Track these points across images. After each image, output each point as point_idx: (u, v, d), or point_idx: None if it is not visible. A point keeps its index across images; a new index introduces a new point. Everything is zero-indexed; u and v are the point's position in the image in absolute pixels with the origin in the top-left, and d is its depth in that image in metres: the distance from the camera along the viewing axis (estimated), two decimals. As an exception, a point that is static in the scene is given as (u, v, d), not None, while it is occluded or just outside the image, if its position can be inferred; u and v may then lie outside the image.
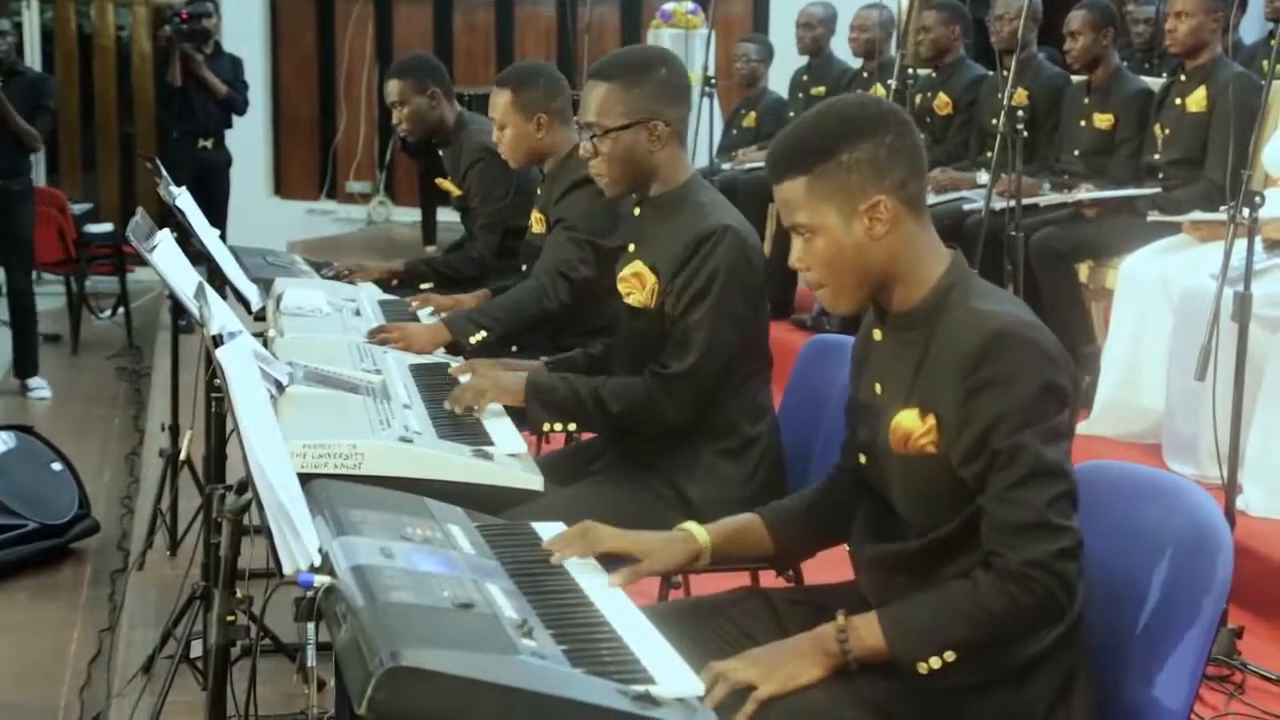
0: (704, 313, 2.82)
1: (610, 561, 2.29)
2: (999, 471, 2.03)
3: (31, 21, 10.64)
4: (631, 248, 3.01)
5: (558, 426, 2.96)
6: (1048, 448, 2.03)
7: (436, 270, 4.52)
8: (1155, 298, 4.60)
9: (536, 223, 3.99)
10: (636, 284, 2.96)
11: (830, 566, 2.56)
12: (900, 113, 2.21)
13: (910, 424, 2.13)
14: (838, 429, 2.48)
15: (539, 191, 4.05)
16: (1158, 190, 5.05)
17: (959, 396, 2.06)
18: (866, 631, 2.07)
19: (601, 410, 2.89)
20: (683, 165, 3.00)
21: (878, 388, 2.23)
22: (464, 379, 3.12)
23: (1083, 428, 4.68)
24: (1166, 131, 5.12)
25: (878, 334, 2.26)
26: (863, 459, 2.29)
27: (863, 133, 2.14)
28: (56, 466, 5.17)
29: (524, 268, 4.03)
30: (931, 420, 2.11)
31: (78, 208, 8.79)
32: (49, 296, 9.29)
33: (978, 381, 2.05)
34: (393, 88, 4.68)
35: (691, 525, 2.38)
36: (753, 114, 7.72)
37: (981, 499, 2.06)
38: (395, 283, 4.52)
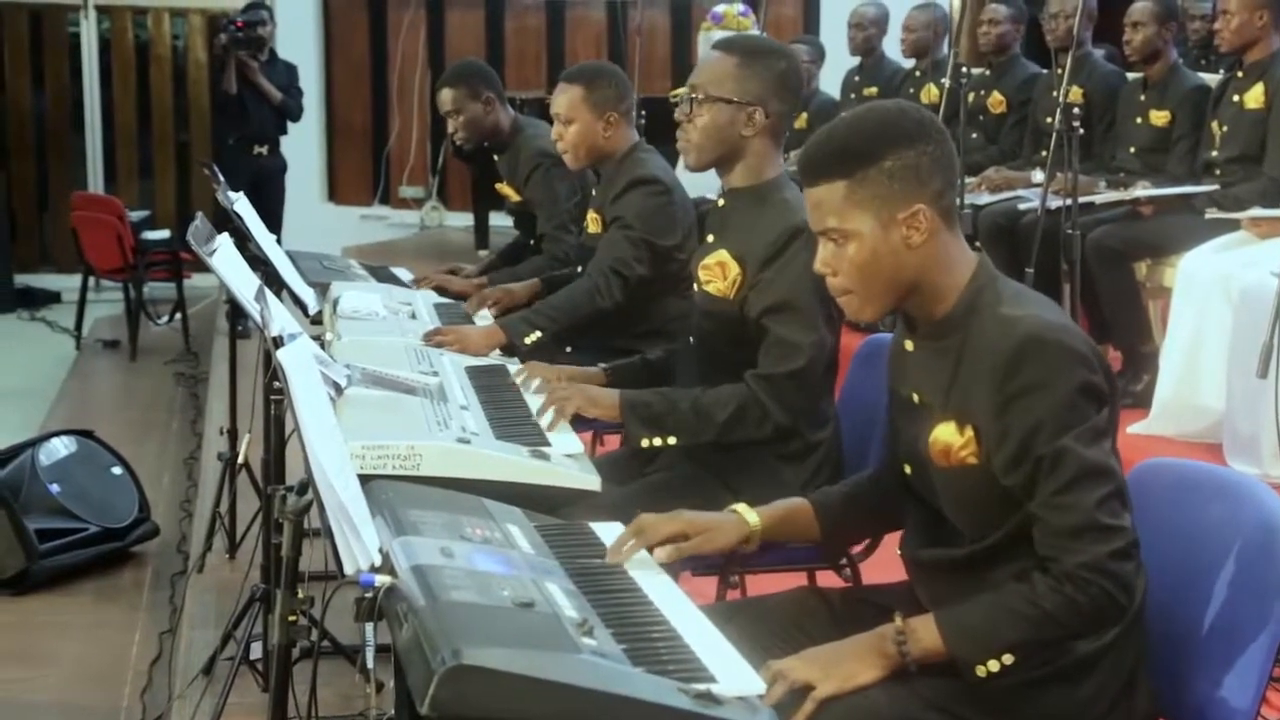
0: (805, 314, 2.79)
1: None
2: (1044, 478, 2.03)
3: (89, 31, 10.75)
4: (711, 238, 3.00)
5: (657, 442, 2.89)
6: (1090, 449, 2.02)
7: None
8: (1214, 295, 4.55)
9: (593, 223, 3.98)
10: (719, 272, 2.93)
11: (887, 566, 2.55)
12: (938, 122, 2.19)
13: (949, 437, 2.13)
14: (894, 430, 2.47)
15: (594, 192, 4.05)
16: (1216, 187, 5.00)
17: (995, 407, 2.06)
18: (925, 633, 2.07)
19: (705, 420, 2.85)
20: (773, 161, 2.97)
21: (915, 397, 2.23)
22: (532, 388, 3.11)
23: (1141, 427, 4.65)
24: (1224, 129, 5.07)
25: (909, 344, 2.25)
26: (908, 469, 2.28)
27: (906, 139, 2.12)
28: (117, 470, 5.21)
29: (580, 269, 4.03)
30: (970, 432, 2.11)
31: (135, 215, 8.86)
32: (107, 304, 9.41)
33: (1012, 390, 2.04)
34: (446, 97, 4.64)
35: (742, 507, 2.39)
36: (804, 115, 7.68)
37: (1030, 506, 2.06)
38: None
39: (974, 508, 2.15)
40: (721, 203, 3.02)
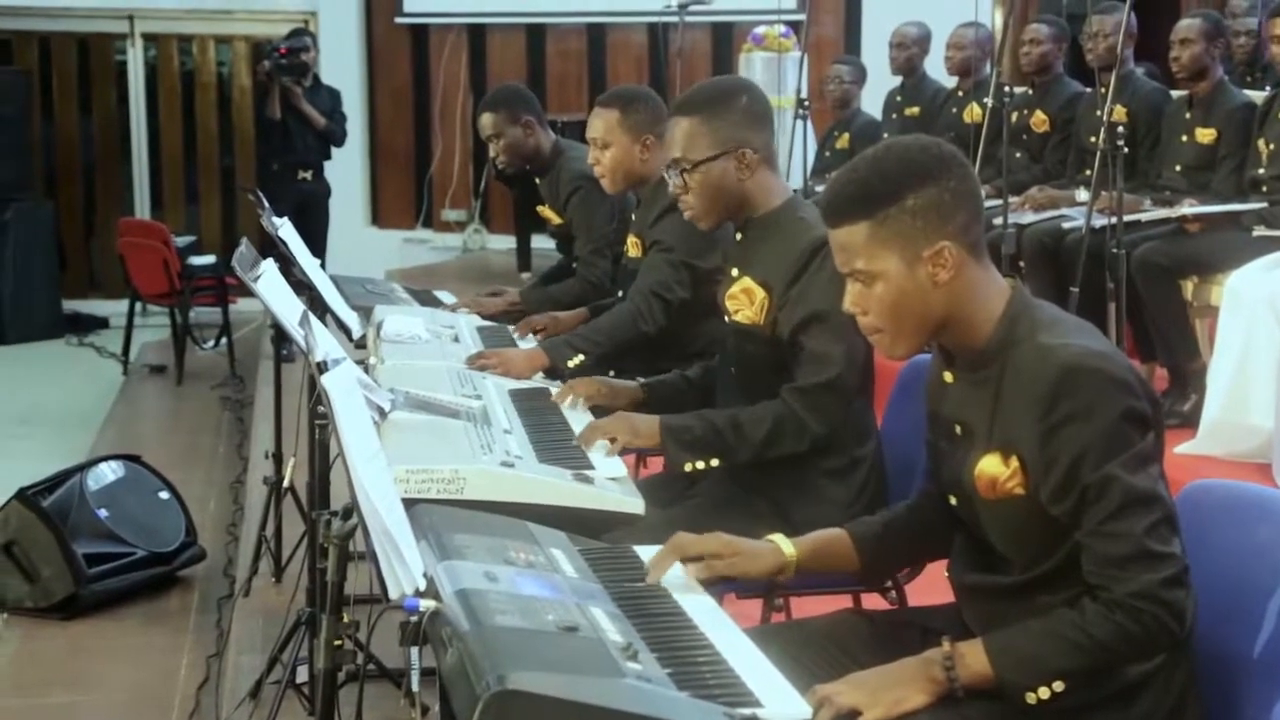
0: (834, 324, 2.77)
1: (711, 583, 2.29)
2: (1091, 506, 2.01)
3: (135, 59, 10.88)
4: (735, 271, 3.01)
5: (700, 465, 2.90)
6: (1136, 476, 2.01)
7: (557, 304, 4.41)
8: (1262, 313, 4.50)
9: (632, 246, 3.99)
10: (745, 300, 2.94)
11: (933, 588, 2.54)
12: (960, 155, 2.18)
13: (994, 469, 2.12)
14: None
15: (633, 216, 4.06)
16: (1263, 205, 4.95)
17: (1039, 437, 2.05)
18: (973, 659, 2.05)
19: (743, 438, 2.85)
20: (778, 188, 3.00)
21: (957, 429, 2.22)
22: (565, 405, 3.13)
23: (1189, 447, 4.60)
24: (1271, 146, 5.02)
25: (948, 376, 2.24)
26: (953, 500, 2.27)
27: (927, 176, 2.11)
28: (164, 495, 5.24)
29: (620, 293, 4.04)
30: (1015, 463, 2.10)
31: (181, 240, 8.94)
32: (154, 329, 9.49)
33: (1055, 420, 2.03)
34: (486, 122, 4.66)
35: (779, 537, 2.38)
36: (846, 135, 7.69)
37: (1078, 535, 2.04)
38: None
39: (1023, 538, 2.14)
40: (739, 237, 3.03)
